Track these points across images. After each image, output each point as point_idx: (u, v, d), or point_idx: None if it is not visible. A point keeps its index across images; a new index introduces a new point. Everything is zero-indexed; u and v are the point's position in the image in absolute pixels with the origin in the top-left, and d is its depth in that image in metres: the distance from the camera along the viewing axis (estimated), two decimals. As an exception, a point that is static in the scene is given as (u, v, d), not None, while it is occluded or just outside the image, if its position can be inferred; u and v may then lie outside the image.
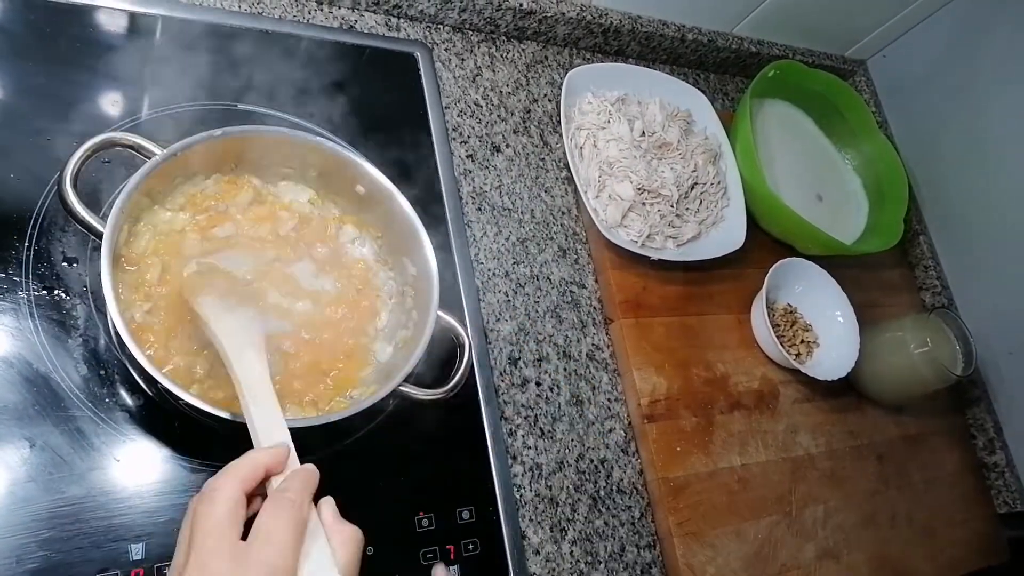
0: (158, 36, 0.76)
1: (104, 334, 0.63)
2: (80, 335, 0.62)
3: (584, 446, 0.82)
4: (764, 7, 1.11)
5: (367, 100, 0.84)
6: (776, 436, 0.93)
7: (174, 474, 0.61)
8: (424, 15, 0.94)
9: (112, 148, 0.58)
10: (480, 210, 0.88)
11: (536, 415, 0.81)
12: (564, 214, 0.94)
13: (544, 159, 0.96)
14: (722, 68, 1.21)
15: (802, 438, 0.95)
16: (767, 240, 1.05)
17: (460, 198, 0.86)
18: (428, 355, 0.63)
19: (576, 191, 0.94)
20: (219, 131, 0.62)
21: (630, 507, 0.82)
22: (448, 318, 0.67)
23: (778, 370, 0.98)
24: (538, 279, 0.88)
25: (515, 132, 0.95)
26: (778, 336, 0.95)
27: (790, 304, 1.02)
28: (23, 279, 0.62)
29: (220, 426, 0.53)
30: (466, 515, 0.71)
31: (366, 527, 0.46)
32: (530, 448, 0.79)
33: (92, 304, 0.63)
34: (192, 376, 0.58)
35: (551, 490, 0.78)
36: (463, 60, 0.96)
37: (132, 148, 0.59)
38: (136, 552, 0.57)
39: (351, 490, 0.66)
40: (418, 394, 0.62)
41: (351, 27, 0.89)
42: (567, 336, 0.87)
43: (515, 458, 0.77)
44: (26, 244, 0.63)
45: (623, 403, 0.87)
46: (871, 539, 0.95)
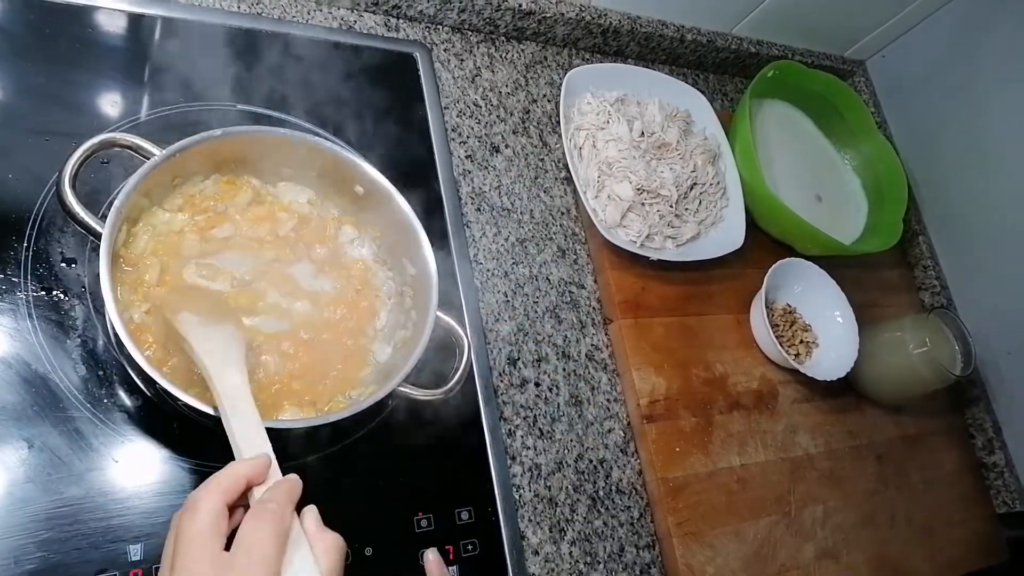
0: (157, 36, 0.76)
1: (103, 335, 0.63)
2: (79, 336, 0.62)
3: (583, 446, 0.82)
4: (763, 7, 1.11)
5: (366, 100, 0.84)
6: (775, 436, 0.93)
7: (173, 475, 0.61)
8: (423, 16, 0.94)
9: (111, 148, 0.58)
10: (479, 210, 0.88)
11: (535, 415, 0.81)
12: (563, 214, 0.94)
13: (543, 159, 0.96)
14: (721, 68, 1.21)
15: (801, 438, 0.95)
16: (766, 240, 1.05)
17: (459, 198, 0.86)
18: (427, 355, 0.63)
19: (575, 191, 0.94)
20: (218, 132, 0.62)
21: (629, 507, 0.82)
22: (447, 318, 0.67)
23: (777, 370, 0.98)
24: (537, 279, 0.88)
25: (514, 132, 0.95)
26: (777, 336, 0.95)
27: (789, 304, 1.02)
28: (22, 280, 0.62)
29: (219, 427, 0.53)
30: (465, 515, 0.70)
31: (365, 527, 0.46)
32: (529, 448, 0.79)
33: (91, 305, 0.63)
34: (191, 377, 0.58)
35: (550, 490, 0.78)
36: (462, 60, 0.96)
37: (131, 149, 0.59)
38: (135, 553, 0.57)
39: (350, 490, 0.67)
40: (417, 394, 0.62)
41: (350, 27, 0.89)
42: (566, 336, 0.87)
43: (514, 458, 0.77)
44: (25, 245, 0.63)
45: (622, 403, 0.87)
46: (870, 539, 0.95)
